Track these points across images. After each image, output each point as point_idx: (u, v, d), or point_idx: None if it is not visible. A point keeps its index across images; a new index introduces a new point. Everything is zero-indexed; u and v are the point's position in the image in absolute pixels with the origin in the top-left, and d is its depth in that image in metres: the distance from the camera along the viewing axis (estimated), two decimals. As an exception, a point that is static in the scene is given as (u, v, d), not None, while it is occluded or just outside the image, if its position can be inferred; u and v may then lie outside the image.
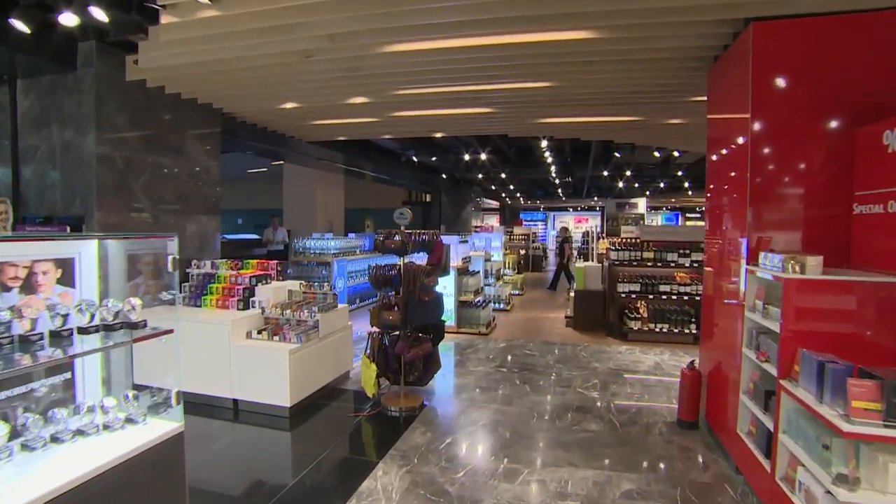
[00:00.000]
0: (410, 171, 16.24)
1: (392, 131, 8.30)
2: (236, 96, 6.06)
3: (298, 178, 18.43)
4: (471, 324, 8.33)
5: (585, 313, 8.73)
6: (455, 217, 21.00)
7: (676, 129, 7.56)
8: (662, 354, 7.15)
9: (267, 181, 19.56)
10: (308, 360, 5.05)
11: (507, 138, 11.72)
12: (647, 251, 8.15)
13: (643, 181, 17.97)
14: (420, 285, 4.66)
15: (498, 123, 7.35)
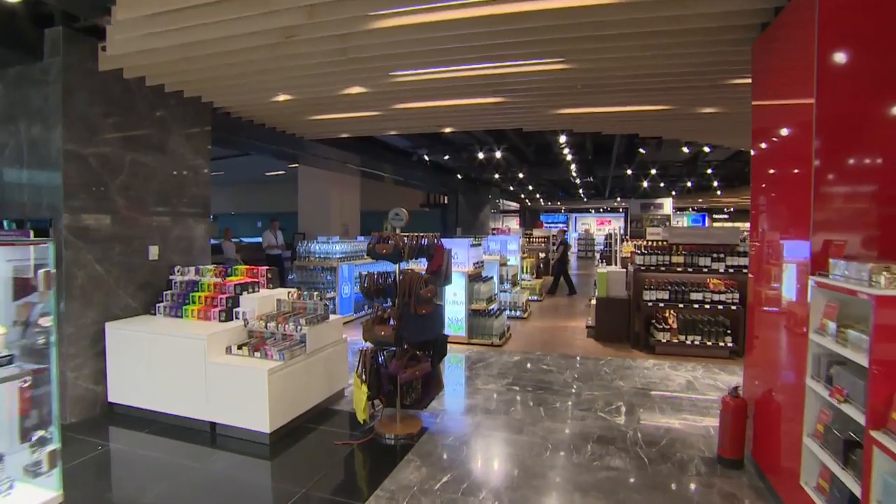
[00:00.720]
0: (425, 172, 15.70)
1: (397, 126, 7.74)
2: (222, 88, 5.57)
3: (313, 180, 18.13)
4: (483, 334, 7.70)
5: (608, 323, 8.02)
6: (472, 219, 20.39)
7: (710, 120, 6.83)
8: (695, 371, 6.41)
9: (286, 184, 19.35)
10: (292, 380, 4.49)
11: (522, 134, 11.07)
12: (676, 255, 7.41)
13: (669, 180, 17.09)
14: (416, 296, 4.06)
15: (511, 116, 6.72)
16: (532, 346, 7.69)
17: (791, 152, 3.29)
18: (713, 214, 34.09)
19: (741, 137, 8.04)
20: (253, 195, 30.70)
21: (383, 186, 22.43)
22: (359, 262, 9.98)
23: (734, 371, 6.39)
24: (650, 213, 17.08)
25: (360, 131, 8.13)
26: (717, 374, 6.29)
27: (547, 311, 11.02)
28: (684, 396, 5.44)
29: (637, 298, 7.56)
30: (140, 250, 5.36)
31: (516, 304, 9.88)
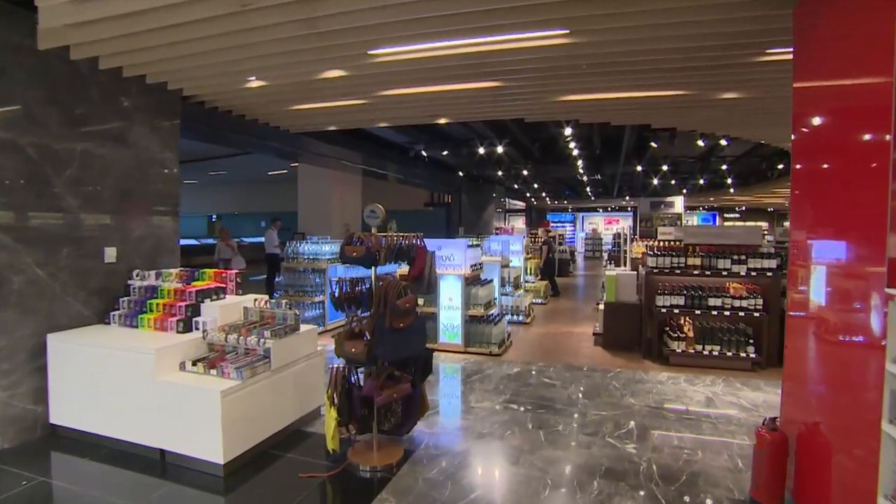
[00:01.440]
0: (426, 170, 15.14)
1: (387, 117, 7.15)
2: (185, 72, 5.00)
3: (313, 179, 17.68)
4: (481, 342, 7.09)
5: (617, 330, 7.39)
6: (476, 218, 19.79)
7: (730, 108, 6.18)
8: (714, 385, 5.77)
9: (289, 183, 19.02)
10: (254, 401, 3.91)
11: (525, 127, 10.45)
12: (692, 257, 6.75)
13: (680, 177, 16.39)
14: (391, 308, 3.46)
15: (510, 104, 6.11)
16: (534, 356, 7.08)
17: (857, 143, 2.65)
18: (724, 213, 33.26)
19: (765, 127, 7.37)
20: (256, 195, 30.36)
21: (386, 186, 21.90)
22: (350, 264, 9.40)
23: (758, 386, 5.75)
24: (660, 211, 16.41)
25: (348, 123, 7.54)
26: (739, 389, 5.65)
27: (551, 316, 10.39)
28: (704, 417, 4.80)
29: (649, 304, 6.93)
30: (94, 252, 4.81)
31: (518, 308, 9.26)
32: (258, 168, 24.32)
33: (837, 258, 2.77)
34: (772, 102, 5.74)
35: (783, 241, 8.53)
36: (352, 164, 13.32)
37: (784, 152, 11.64)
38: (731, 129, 7.61)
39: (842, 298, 2.70)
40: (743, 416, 4.85)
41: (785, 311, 6.64)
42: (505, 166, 14.84)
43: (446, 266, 7.23)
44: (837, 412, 2.68)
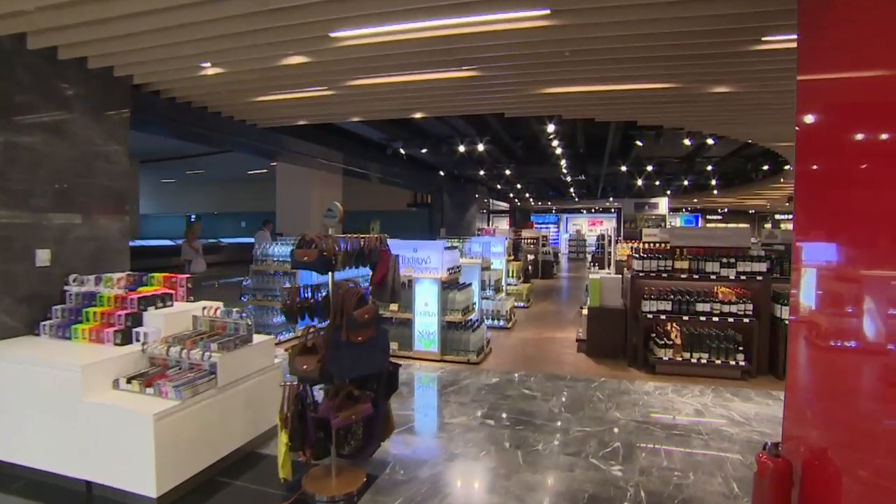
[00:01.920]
0: (406, 169, 14.73)
1: (359, 111, 6.73)
2: (130, 55, 4.53)
3: (292, 179, 17.26)
4: (458, 350, 6.69)
5: (601, 336, 7.05)
6: (458, 219, 19.42)
7: (719, 104, 5.88)
8: (703, 396, 5.45)
9: (269, 182, 18.56)
10: (196, 423, 3.47)
11: (506, 124, 10.11)
12: (679, 260, 6.45)
13: (665, 178, 16.20)
14: (347, 319, 3.05)
15: (487, 97, 5.73)
16: (514, 364, 6.71)
17: (878, 139, 2.30)
18: (706, 215, 33.38)
19: (753, 125, 7.11)
20: (236, 194, 29.67)
21: (369, 186, 21.44)
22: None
23: (749, 396, 5.45)
24: (645, 212, 16.19)
25: (320, 117, 7.10)
26: (729, 400, 5.33)
27: (533, 320, 10.04)
28: (694, 432, 4.47)
29: (635, 309, 6.60)
30: (23, 255, 4.31)
31: (499, 312, 8.89)
32: (237, 167, 23.76)
33: (857, 262, 2.43)
34: (764, 98, 5.46)
35: (770, 242, 8.29)
36: (331, 162, 12.88)
37: (770, 153, 11.49)
38: (719, 128, 7.34)
39: (860, 303, 2.36)
40: (735, 430, 4.53)
41: (775, 317, 6.42)
42: (487, 165, 14.50)
43: (422, 269, 6.83)
44: (855, 434, 2.34)
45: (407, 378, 6.02)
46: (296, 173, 16.29)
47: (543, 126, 8.56)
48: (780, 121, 6.75)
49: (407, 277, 6.89)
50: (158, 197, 31.48)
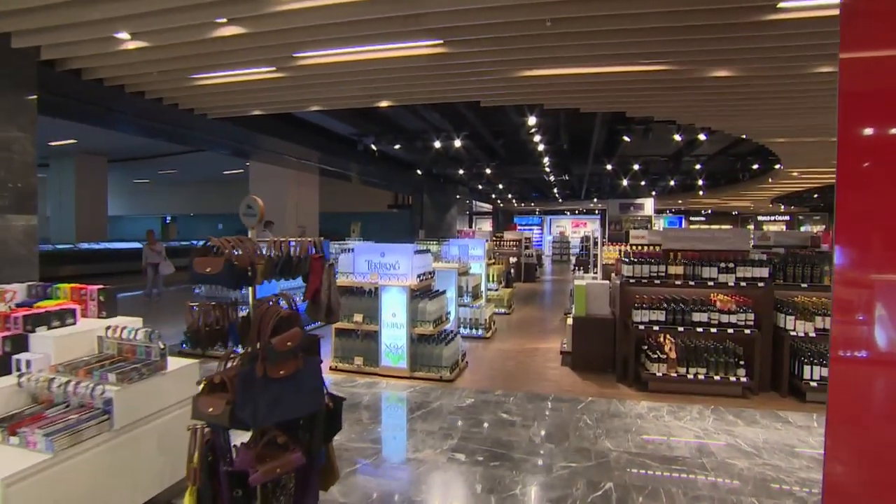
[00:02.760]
0: (384, 168, 14.00)
1: (318, 99, 6.00)
2: (23, 17, 3.74)
3: (266, 179, 16.53)
4: (429, 366, 5.99)
5: (588, 348, 6.41)
6: (438, 221, 18.75)
7: (716, 91, 5.29)
8: (703, 419, 4.83)
9: (246, 182, 17.74)
10: (76, 482, 2.71)
11: (484, 118, 9.44)
12: (673, 265, 5.84)
13: (651, 178, 15.72)
14: (264, 349, 2.33)
15: (461, 80, 5.05)
16: (492, 381, 6.02)
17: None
18: (690, 217, 33.20)
19: (753, 118, 6.56)
20: (211, 195, 28.68)
21: (348, 186, 20.70)
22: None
23: (754, 418, 4.84)
24: (630, 213, 15.68)
25: (274, 106, 6.36)
26: (733, 423, 4.72)
27: (515, 328, 9.39)
28: (697, 467, 3.83)
29: (624, 318, 5.98)
30: None
31: (477, 321, 8.21)
32: (212, 167, 22.86)
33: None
34: (768, 86, 4.88)
35: (763, 245, 7.74)
36: (307, 161, 12.19)
37: (760, 151, 11.03)
38: (715, 121, 6.77)
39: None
40: (744, 465, 3.90)
41: (778, 327, 5.85)
42: (466, 164, 13.84)
43: (390, 276, 6.12)
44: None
45: (371, 400, 5.31)
46: (270, 173, 15.54)
47: (524, 119, 7.93)
48: (782, 113, 6.22)
49: (373, 285, 6.17)
50: (131, 197, 30.34)
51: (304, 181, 16.81)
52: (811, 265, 5.64)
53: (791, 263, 5.69)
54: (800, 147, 8.49)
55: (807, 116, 6.53)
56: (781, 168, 11.22)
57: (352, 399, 5.29)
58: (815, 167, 11.09)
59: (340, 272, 6.47)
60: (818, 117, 6.51)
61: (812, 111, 6.23)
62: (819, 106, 5.96)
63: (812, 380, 5.33)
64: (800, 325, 5.48)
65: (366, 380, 5.95)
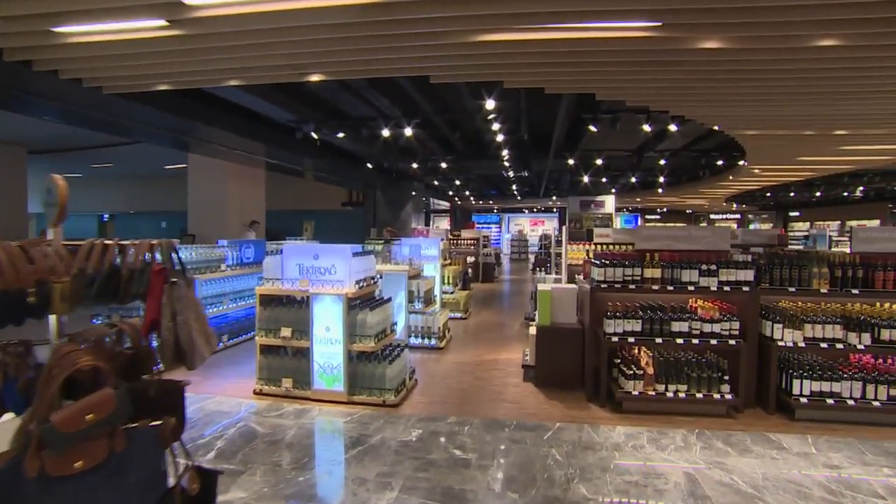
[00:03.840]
0: (332, 161, 12.94)
1: (234, 70, 4.97)
2: None
3: (206, 173, 15.09)
4: (371, 389, 5.07)
5: (553, 362, 5.65)
6: (393, 218, 17.79)
7: (706, 68, 4.61)
8: (690, 448, 4.12)
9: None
10: None
11: (437, 104, 8.58)
12: (650, 267, 5.13)
13: (612, 175, 15.28)
14: (42, 429, 1.37)
15: (404, 47, 4.16)
16: (445, 404, 5.17)
17: None
18: (646, 215, 33.43)
19: (729, 106, 5.96)
20: (153, 191, 26.61)
21: (299, 182, 19.40)
22: (209, 276, 7.09)
23: (745, 445, 4.17)
24: (590, 211, 15.18)
25: (180, 78, 5.26)
26: (723, 453, 4.03)
27: (472, 336, 8.58)
28: (695, 522, 3.09)
29: (595, 329, 5.24)
30: None
31: (430, 329, 7.35)
32: (152, 161, 21.00)
33: None
34: (759, 61, 4.22)
35: (739, 244, 7.21)
36: (249, 154, 10.99)
37: (726, 146, 10.66)
38: (689, 107, 6.14)
39: None
40: (747, 514, 3.19)
41: (763, 336, 5.23)
42: (420, 158, 12.94)
43: (323, 282, 5.17)
44: None
45: (297, 435, 4.35)
46: (210, 167, 14.16)
47: (481, 103, 7.12)
48: (760, 100, 5.66)
49: (303, 293, 5.20)
50: (64, 195, 27.85)
51: (250, 176, 15.49)
52: (799, 267, 5.05)
53: (777, 265, 5.09)
54: (769, 141, 8.04)
55: (784, 105, 6.02)
56: (745, 165, 10.88)
57: (273, 434, 4.32)
58: (778, 164, 10.82)
59: (266, 279, 5.46)
60: (795, 106, 6.02)
61: (791, 98, 5.71)
62: (800, 91, 5.43)
63: (802, 395, 4.74)
64: (787, 334, 4.88)
65: (295, 406, 4.99)
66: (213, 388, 5.54)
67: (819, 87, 5.33)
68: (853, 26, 3.84)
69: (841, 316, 4.90)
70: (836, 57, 4.42)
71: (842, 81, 5.11)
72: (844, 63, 4.57)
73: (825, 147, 8.65)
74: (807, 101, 5.86)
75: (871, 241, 5.36)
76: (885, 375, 4.69)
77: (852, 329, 4.84)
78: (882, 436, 4.44)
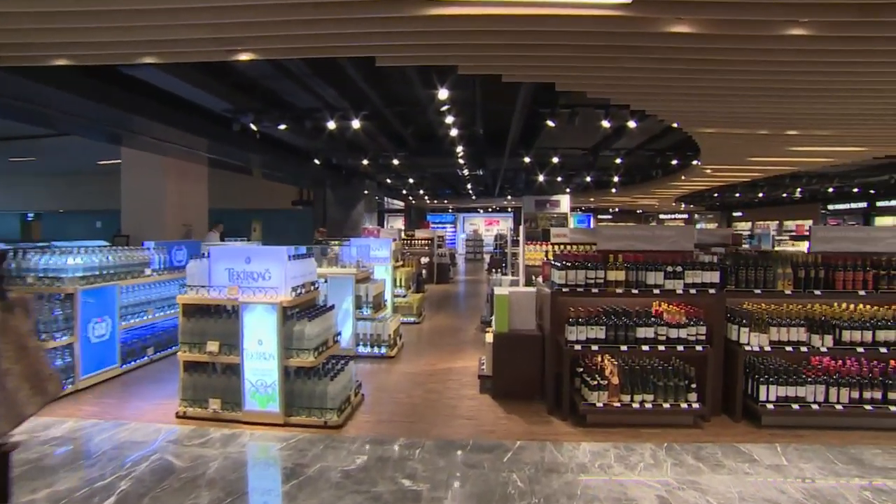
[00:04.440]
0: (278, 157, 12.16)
1: (149, 43, 4.30)
2: None
3: (141, 169, 13.96)
4: (310, 408, 4.51)
5: (512, 372, 5.26)
6: (344, 218, 17.09)
7: (668, 59, 4.32)
8: (660, 466, 3.80)
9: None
10: None
11: (386, 95, 8.07)
12: (614, 269, 4.81)
13: (567, 174, 15.17)
14: None
15: (346, 23, 3.64)
16: (393, 424, 4.67)
17: None
18: (598, 215, 33.95)
19: (687, 101, 5.75)
20: (84, 189, 24.60)
21: (247, 180, 18.35)
22: (130, 282, 6.29)
23: (717, 459, 3.90)
24: (546, 211, 15.00)
25: (86, 52, 4.53)
26: (695, 470, 3.73)
27: (426, 342, 8.11)
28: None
29: (556, 336, 4.88)
30: None
31: (379, 337, 6.81)
32: (82, 155, 19.32)
33: None
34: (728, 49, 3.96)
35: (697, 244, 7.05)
36: (189, 149, 10.10)
37: (681, 146, 10.65)
38: (651, 101, 5.90)
39: None
40: (730, 546, 2.86)
41: (730, 341, 4.94)
42: (371, 154, 12.36)
43: (255, 289, 4.56)
44: None
45: (222, 467, 3.74)
46: (146, 162, 13.05)
47: (434, 92, 6.66)
48: (725, 95, 5.46)
49: (232, 302, 4.58)
50: (-27, 191, 25.44)
51: (190, 172, 14.41)
52: (764, 268, 4.85)
53: (743, 266, 4.88)
54: (724, 140, 7.99)
55: (743, 102, 5.90)
56: (698, 164, 10.92)
57: (193, 468, 3.70)
58: (730, 164, 10.91)
59: (190, 286, 4.79)
60: (754, 103, 5.93)
61: (751, 95, 5.59)
62: (760, 87, 5.30)
63: (768, 401, 4.54)
64: (754, 338, 4.67)
65: (223, 431, 4.36)
66: (130, 413, 4.84)
67: (779, 84, 5.19)
68: (822, 13, 3.63)
69: (805, 318, 4.75)
70: (800, 49, 4.24)
71: (801, 77, 4.98)
72: (807, 56, 4.40)
73: (776, 147, 8.70)
74: (765, 99, 5.74)
75: (829, 240, 5.27)
76: (846, 378, 4.56)
77: (815, 331, 4.69)
78: (845, 440, 4.30)
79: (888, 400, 4.53)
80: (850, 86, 5.18)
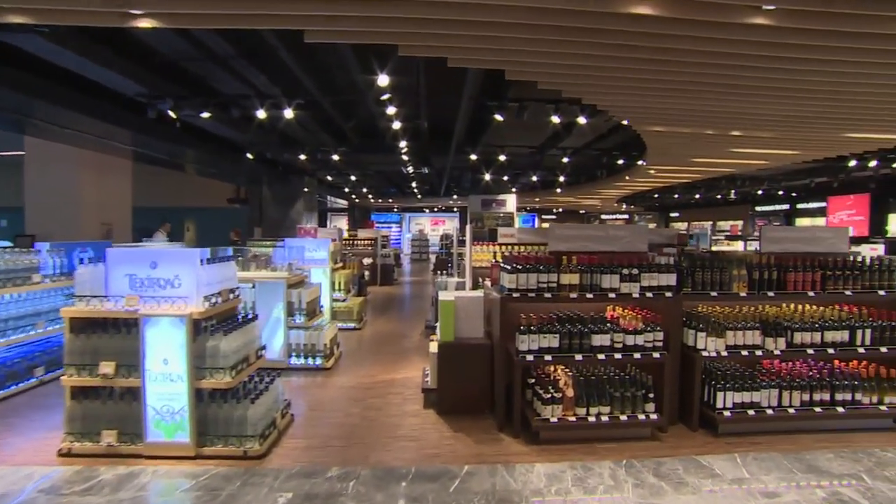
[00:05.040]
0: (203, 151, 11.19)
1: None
2: None
3: (50, 162, 12.52)
4: (227, 437, 3.87)
5: (458, 385, 4.83)
6: (282, 217, 16.16)
7: (622, 47, 4.01)
8: (621, 487, 3.47)
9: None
10: None
11: (323, 81, 7.44)
12: (567, 272, 4.46)
13: (513, 174, 14.98)
14: None
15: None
16: (327, 449, 4.11)
17: None
18: (542, 215, 34.29)
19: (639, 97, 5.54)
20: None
21: (179, 176, 16.96)
22: (16, 290, 5.37)
23: (678, 476, 3.62)
24: (492, 210, 14.72)
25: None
26: (658, 491, 3.42)
27: (366, 350, 7.56)
28: None
29: (506, 345, 4.49)
30: None
31: (314, 347, 6.19)
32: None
33: None
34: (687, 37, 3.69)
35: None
36: (106, 140, 9.02)
37: (626, 146, 10.62)
38: (602, 95, 5.63)
39: None
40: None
41: (686, 346, 4.67)
42: (308, 149, 11.61)
43: (161, 299, 3.88)
44: None
45: (106, 518, 3.06)
46: (57, 155, 11.64)
47: (373, 78, 6.12)
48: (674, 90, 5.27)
49: (131, 314, 3.87)
50: None
51: (109, 167, 13.04)
52: (720, 270, 4.66)
53: (699, 268, 4.66)
54: (672, 139, 7.93)
55: (694, 98, 5.77)
56: (643, 165, 10.95)
57: (71, 521, 3.00)
58: (675, 165, 11.01)
59: (79, 296, 4.03)
60: (703, 100, 5.82)
61: (703, 91, 5.44)
62: (712, 83, 5.18)
63: (725, 408, 4.34)
64: (711, 343, 4.46)
65: (117, 471, 3.65)
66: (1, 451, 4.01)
67: (733, 80, 5.05)
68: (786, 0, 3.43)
69: (760, 321, 4.60)
70: (760, 41, 4.05)
71: (755, 74, 4.84)
72: (766, 50, 4.23)
73: (719, 149, 8.77)
74: (717, 95, 5.61)
75: (778, 241, 5.18)
76: (797, 381, 4.46)
77: (769, 334, 4.55)
78: (799, 445, 4.19)
79: (835, 401, 4.47)
80: (801, 85, 5.11)
